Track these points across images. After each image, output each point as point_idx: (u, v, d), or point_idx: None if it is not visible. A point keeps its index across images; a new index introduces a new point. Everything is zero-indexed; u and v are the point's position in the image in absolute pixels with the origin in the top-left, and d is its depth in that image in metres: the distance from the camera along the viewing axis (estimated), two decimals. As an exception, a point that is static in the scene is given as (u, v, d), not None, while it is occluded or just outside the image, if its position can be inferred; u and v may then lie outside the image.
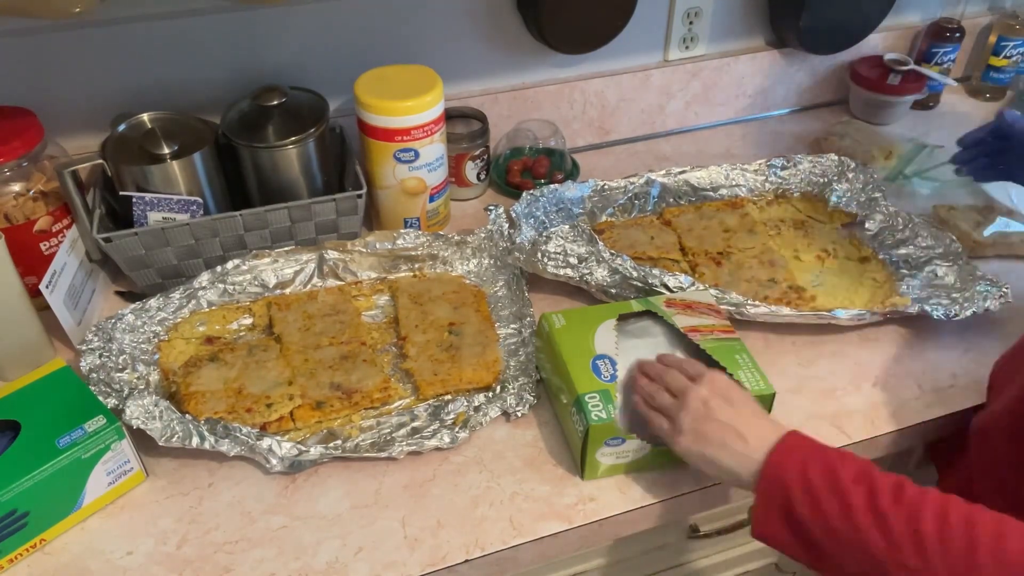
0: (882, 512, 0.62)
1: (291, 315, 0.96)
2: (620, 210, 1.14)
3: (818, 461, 0.66)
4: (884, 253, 1.07)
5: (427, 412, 0.87)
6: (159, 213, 0.96)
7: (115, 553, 0.75)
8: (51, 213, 0.95)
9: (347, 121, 1.10)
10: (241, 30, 1.05)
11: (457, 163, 1.15)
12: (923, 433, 0.90)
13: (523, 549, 0.77)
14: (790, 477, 0.66)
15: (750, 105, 1.39)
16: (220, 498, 0.80)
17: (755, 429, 0.70)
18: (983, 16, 1.47)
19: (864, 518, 0.62)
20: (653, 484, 0.81)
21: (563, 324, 0.85)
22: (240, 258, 0.98)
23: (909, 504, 0.61)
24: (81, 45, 1.00)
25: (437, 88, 1.01)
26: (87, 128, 1.05)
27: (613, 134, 1.33)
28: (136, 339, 0.91)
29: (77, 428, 0.75)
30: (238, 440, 0.79)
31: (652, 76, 1.29)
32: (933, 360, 0.95)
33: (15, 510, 0.72)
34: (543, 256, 0.98)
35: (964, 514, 0.60)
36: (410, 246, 1.03)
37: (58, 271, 0.89)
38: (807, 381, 0.93)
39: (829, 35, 1.32)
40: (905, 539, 0.60)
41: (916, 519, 0.61)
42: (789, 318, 0.95)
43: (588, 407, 0.76)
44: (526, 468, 0.83)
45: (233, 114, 1.02)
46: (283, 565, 0.74)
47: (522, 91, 1.23)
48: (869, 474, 0.64)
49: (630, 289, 0.96)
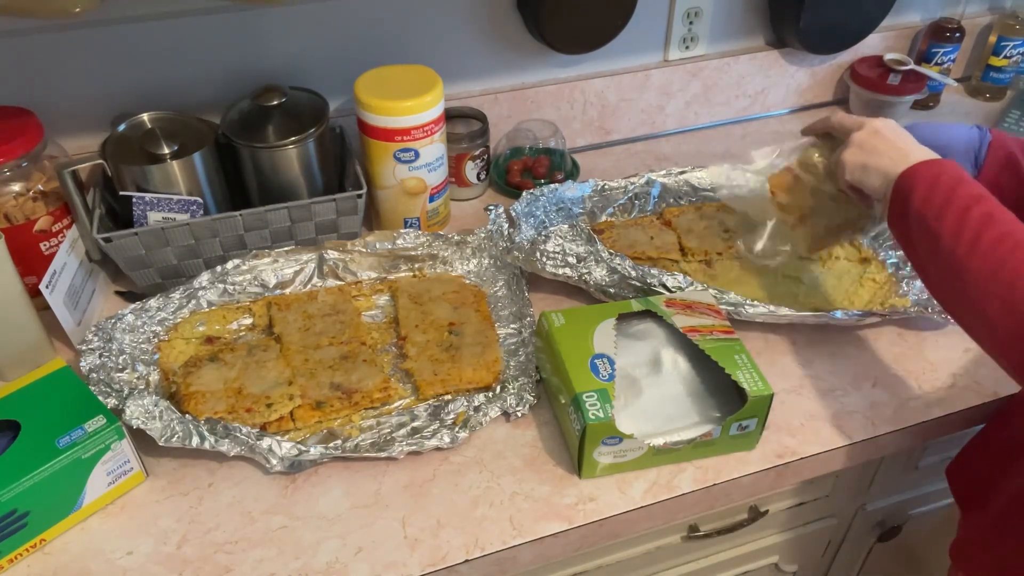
0: (965, 221, 0.70)
1: (291, 315, 0.96)
2: (620, 210, 1.14)
3: (952, 175, 0.74)
4: (884, 254, 1.07)
5: (427, 412, 0.87)
6: (159, 213, 0.96)
7: (115, 553, 0.75)
8: (51, 213, 0.95)
9: (347, 121, 1.11)
10: (241, 30, 1.05)
11: (457, 163, 1.15)
12: (923, 433, 0.90)
13: (523, 549, 0.77)
14: (922, 175, 0.76)
15: (750, 105, 1.39)
16: (220, 498, 0.80)
17: (917, 151, 0.79)
18: (983, 16, 1.47)
19: (949, 217, 0.71)
20: (653, 484, 0.81)
21: (562, 323, 0.85)
22: (240, 258, 0.98)
23: (987, 224, 0.70)
24: (81, 45, 1.00)
25: (437, 88, 1.01)
26: (87, 128, 1.05)
27: (613, 134, 1.33)
28: (136, 339, 0.91)
29: (77, 428, 0.75)
30: (238, 440, 0.79)
31: (652, 76, 1.29)
32: (933, 360, 0.95)
33: (15, 510, 0.72)
34: (542, 255, 0.98)
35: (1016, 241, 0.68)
36: (410, 246, 1.03)
37: (58, 271, 0.89)
38: (807, 381, 0.93)
39: (829, 35, 1.32)
40: (967, 238, 0.70)
41: (987, 230, 0.69)
42: (789, 318, 0.95)
43: (585, 406, 0.76)
44: (526, 468, 0.83)
45: (233, 114, 1.02)
46: (283, 565, 0.74)
47: (522, 91, 1.23)
48: (981, 198, 0.72)
49: (629, 289, 0.96)
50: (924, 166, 0.76)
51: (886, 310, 0.97)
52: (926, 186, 0.75)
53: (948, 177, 0.74)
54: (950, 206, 0.72)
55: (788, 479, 0.87)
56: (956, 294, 0.72)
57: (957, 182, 0.73)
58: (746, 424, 0.81)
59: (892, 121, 0.84)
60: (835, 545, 1.12)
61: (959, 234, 0.70)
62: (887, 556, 1.16)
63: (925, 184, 0.75)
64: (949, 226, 0.71)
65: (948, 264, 0.71)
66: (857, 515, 1.08)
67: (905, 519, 1.12)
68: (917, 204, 0.74)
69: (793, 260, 1.07)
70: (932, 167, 0.76)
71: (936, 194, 0.73)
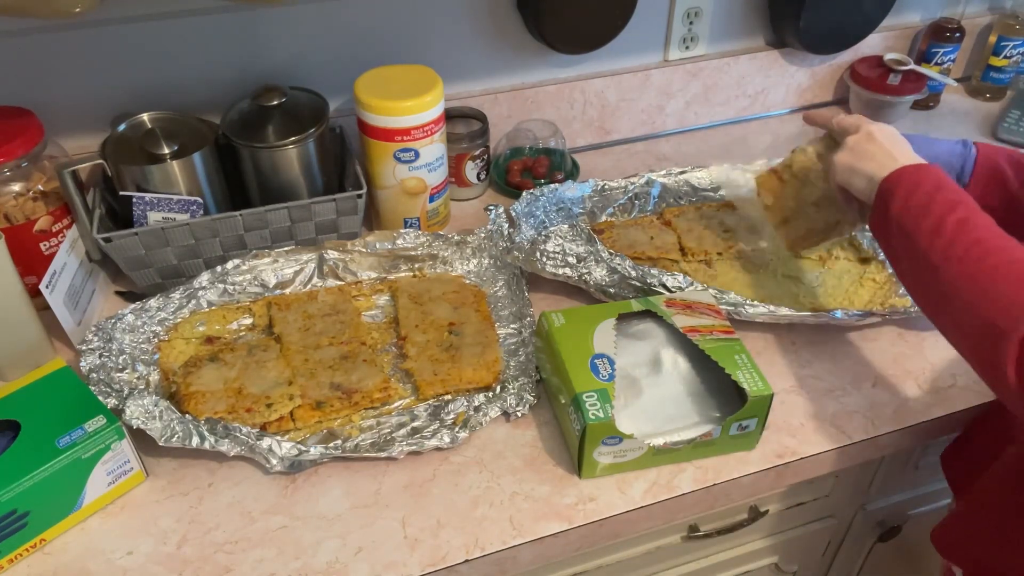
0: (941, 227, 0.72)
1: (291, 315, 0.96)
2: (620, 210, 1.14)
3: (933, 181, 0.75)
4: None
5: (427, 412, 0.87)
6: (159, 213, 0.96)
7: (115, 553, 0.75)
8: (51, 213, 0.95)
9: (347, 121, 1.11)
10: (241, 30, 1.05)
11: (457, 163, 1.15)
12: (923, 433, 0.90)
13: (523, 549, 0.77)
14: (904, 180, 0.77)
15: (750, 105, 1.39)
16: (220, 498, 0.80)
17: (905, 157, 0.80)
18: (983, 16, 1.47)
19: (926, 223, 0.73)
20: (653, 484, 0.81)
21: (562, 323, 0.85)
22: (240, 258, 0.98)
23: (961, 230, 0.71)
24: (81, 45, 1.00)
25: (437, 88, 1.01)
26: (87, 128, 1.05)
27: (613, 134, 1.33)
28: (136, 339, 0.91)
29: (77, 428, 0.75)
30: (238, 440, 0.79)
31: (652, 76, 1.29)
32: (933, 360, 0.95)
33: (15, 510, 0.72)
34: (541, 255, 0.98)
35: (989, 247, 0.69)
36: (410, 246, 1.03)
37: (58, 271, 0.89)
38: (807, 381, 0.93)
39: (829, 35, 1.32)
40: (941, 244, 0.71)
41: (960, 237, 0.70)
42: (789, 318, 0.95)
43: (585, 406, 0.76)
44: (526, 468, 0.83)
45: (233, 114, 1.02)
46: (283, 565, 0.74)
47: (522, 91, 1.23)
48: (959, 204, 0.73)
49: (629, 289, 0.96)
50: (907, 171, 0.77)
51: (886, 310, 0.97)
52: (906, 191, 0.76)
53: (929, 183, 0.75)
54: (928, 211, 0.73)
55: (788, 479, 0.87)
56: (931, 297, 0.73)
57: (937, 188, 0.74)
58: (746, 424, 0.81)
59: (890, 127, 0.84)
60: (835, 545, 1.12)
61: (934, 239, 0.71)
62: (887, 556, 1.16)
63: (906, 188, 0.76)
64: (926, 230, 0.72)
65: (924, 268, 0.72)
66: (857, 515, 1.08)
67: (905, 519, 1.12)
68: (897, 208, 0.76)
69: (793, 260, 1.07)
70: (915, 172, 0.77)
71: (915, 198, 0.75)
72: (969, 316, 0.68)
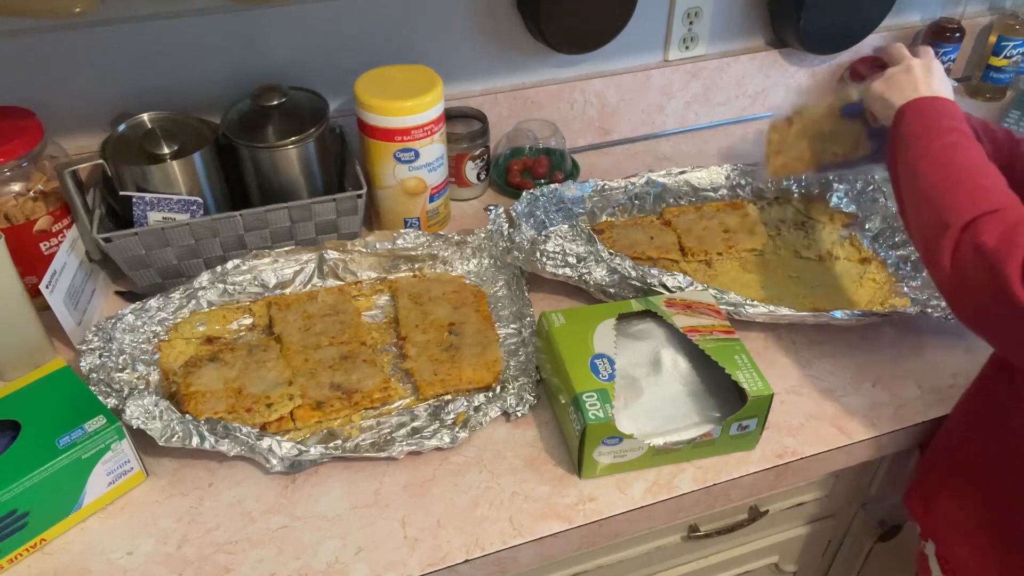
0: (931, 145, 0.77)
1: (291, 315, 0.96)
2: (620, 210, 1.14)
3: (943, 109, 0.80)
4: (884, 254, 1.07)
5: (427, 412, 0.87)
6: (159, 213, 0.96)
7: (115, 553, 0.75)
8: (51, 213, 0.95)
9: (347, 121, 1.10)
10: (241, 30, 1.05)
11: (457, 163, 1.15)
12: (923, 433, 0.90)
13: (523, 549, 0.77)
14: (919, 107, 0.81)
15: (750, 105, 1.39)
16: (220, 498, 0.80)
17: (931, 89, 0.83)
18: (983, 16, 1.47)
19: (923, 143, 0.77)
20: (653, 484, 0.81)
21: (562, 323, 0.85)
22: (240, 258, 0.98)
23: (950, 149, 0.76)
24: (81, 45, 1.00)
25: (437, 88, 1.01)
26: (87, 128, 1.05)
27: (613, 134, 1.33)
28: (136, 339, 0.91)
29: (77, 428, 0.75)
30: (238, 440, 0.79)
31: (652, 76, 1.29)
32: (933, 360, 0.95)
33: (15, 510, 0.72)
34: (541, 255, 0.98)
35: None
36: (410, 246, 1.03)
37: (58, 271, 0.89)
38: (807, 381, 0.93)
39: (829, 35, 1.32)
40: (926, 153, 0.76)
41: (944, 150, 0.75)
42: (789, 318, 0.95)
43: (585, 406, 0.76)
44: (526, 468, 0.83)
45: (233, 114, 1.02)
46: (283, 565, 0.74)
47: (522, 91, 1.23)
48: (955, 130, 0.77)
49: (629, 289, 0.96)
50: (925, 100, 0.82)
51: (886, 310, 0.97)
52: (917, 115, 0.81)
53: (940, 110, 0.80)
54: (928, 131, 0.78)
55: (788, 479, 0.87)
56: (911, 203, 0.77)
57: (944, 114, 0.79)
58: (746, 424, 0.81)
59: (935, 62, 0.88)
60: (835, 545, 1.12)
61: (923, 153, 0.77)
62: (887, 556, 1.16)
63: (917, 114, 0.81)
64: (920, 144, 0.78)
65: (911, 175, 0.77)
66: (857, 515, 1.08)
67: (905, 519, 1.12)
68: (903, 129, 0.81)
69: (793, 260, 1.07)
70: (931, 101, 0.81)
71: (920, 121, 0.80)
72: (928, 211, 0.73)
